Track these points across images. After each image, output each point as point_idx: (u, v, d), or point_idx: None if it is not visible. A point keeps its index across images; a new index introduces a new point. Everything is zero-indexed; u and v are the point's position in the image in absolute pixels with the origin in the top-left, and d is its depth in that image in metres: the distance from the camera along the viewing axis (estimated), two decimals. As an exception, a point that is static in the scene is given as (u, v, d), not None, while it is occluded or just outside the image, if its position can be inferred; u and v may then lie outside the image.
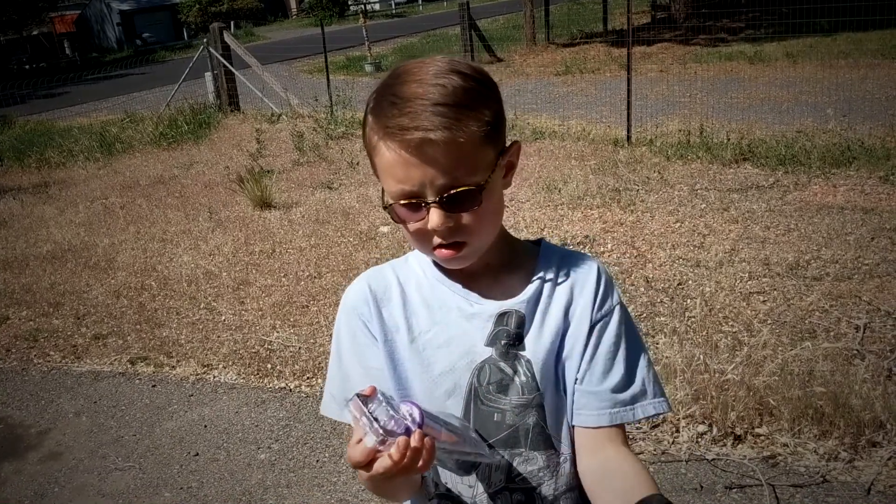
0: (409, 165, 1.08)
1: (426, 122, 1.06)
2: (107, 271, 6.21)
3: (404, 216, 1.14)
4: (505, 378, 1.20)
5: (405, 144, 1.07)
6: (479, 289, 1.24)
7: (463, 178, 1.10)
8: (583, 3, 26.66)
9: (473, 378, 1.20)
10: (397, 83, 1.12)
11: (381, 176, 1.14)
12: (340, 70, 19.41)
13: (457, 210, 1.11)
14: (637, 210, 6.20)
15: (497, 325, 1.21)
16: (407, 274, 1.29)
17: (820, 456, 3.11)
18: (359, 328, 1.26)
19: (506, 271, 1.25)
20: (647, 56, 15.14)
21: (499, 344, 1.20)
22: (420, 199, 1.11)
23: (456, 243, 1.15)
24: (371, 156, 1.16)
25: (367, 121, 1.15)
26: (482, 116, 1.10)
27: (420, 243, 1.19)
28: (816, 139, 7.58)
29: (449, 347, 1.21)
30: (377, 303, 1.25)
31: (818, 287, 4.49)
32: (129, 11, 48.37)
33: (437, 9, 45.75)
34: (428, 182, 1.09)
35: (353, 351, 1.26)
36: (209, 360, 4.59)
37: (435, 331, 1.23)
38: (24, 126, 15.69)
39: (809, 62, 12.77)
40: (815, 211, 5.76)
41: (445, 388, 1.21)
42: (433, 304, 1.24)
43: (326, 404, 1.30)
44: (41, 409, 4.35)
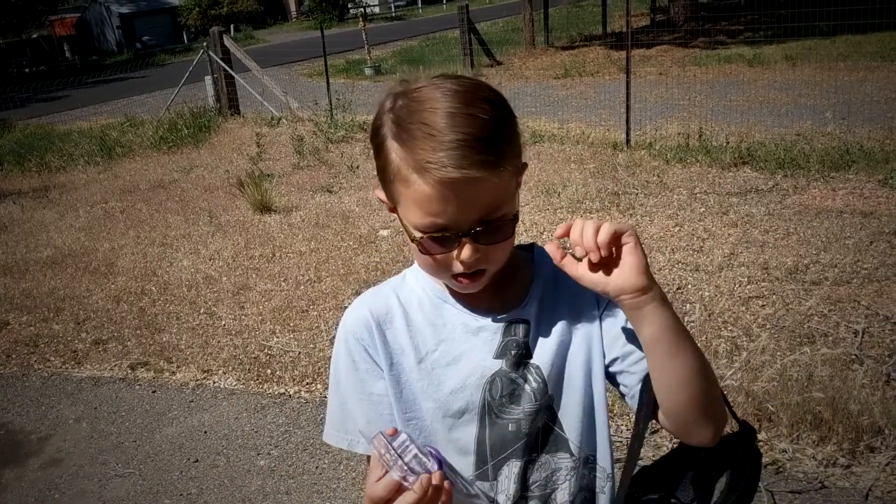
0: (447, 202, 1.06)
1: (468, 161, 1.03)
2: (107, 276, 6.22)
3: (430, 247, 1.12)
4: (517, 388, 1.21)
5: (445, 182, 1.04)
6: (482, 302, 1.23)
7: (496, 211, 1.10)
8: (582, 6, 26.69)
9: (486, 393, 1.21)
10: (425, 110, 1.08)
11: (408, 205, 1.11)
12: (340, 73, 19.44)
13: (489, 242, 1.11)
14: (636, 214, 6.21)
15: (505, 335, 1.22)
16: (408, 294, 1.28)
17: (818, 462, 3.11)
18: (359, 355, 1.25)
19: (505, 281, 1.25)
20: (646, 59, 15.16)
21: (509, 355, 1.21)
22: (453, 233, 1.09)
23: (477, 271, 1.15)
24: (394, 182, 1.12)
25: (391, 147, 1.11)
26: (516, 148, 1.12)
27: (439, 271, 1.17)
28: (815, 142, 7.59)
29: (458, 365, 1.22)
30: (380, 327, 1.24)
31: (817, 291, 4.50)
32: (128, 14, 48.44)
33: (437, 12, 45.79)
34: (464, 218, 1.08)
35: (353, 378, 1.26)
36: (209, 365, 4.59)
37: (442, 349, 1.22)
38: (24, 130, 15.70)
39: (808, 65, 12.77)
40: (814, 215, 5.77)
41: (458, 407, 1.21)
42: (437, 322, 1.24)
43: (328, 432, 1.30)
44: (42, 414, 4.36)
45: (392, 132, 1.11)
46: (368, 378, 1.24)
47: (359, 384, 1.25)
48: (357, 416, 1.25)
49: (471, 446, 1.22)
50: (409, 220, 1.12)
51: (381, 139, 1.13)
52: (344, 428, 1.27)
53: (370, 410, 1.24)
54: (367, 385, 1.24)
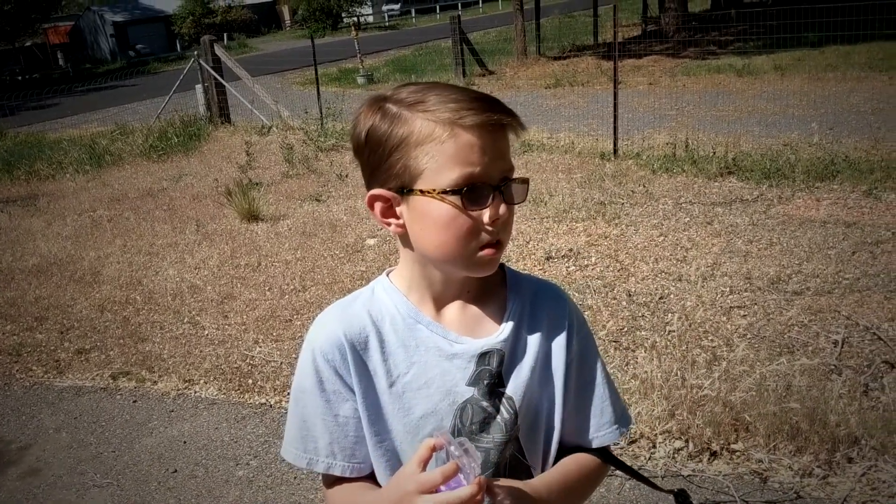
0: (483, 150, 1.11)
1: (498, 107, 1.13)
2: (92, 285, 6.20)
3: (470, 204, 1.12)
4: (488, 417, 1.21)
5: (483, 127, 1.11)
6: (455, 325, 1.23)
7: (513, 170, 1.17)
8: (573, 17, 26.81)
9: (456, 419, 1.20)
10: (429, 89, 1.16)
11: (437, 165, 1.11)
12: (333, 82, 19.48)
13: (514, 201, 1.16)
14: (621, 223, 6.23)
15: (479, 364, 1.21)
16: (380, 311, 1.24)
17: (794, 472, 3.12)
18: (327, 376, 1.22)
19: (478, 304, 1.25)
20: (636, 69, 15.23)
21: (481, 384, 1.20)
22: (487, 184, 1.12)
23: (497, 242, 1.16)
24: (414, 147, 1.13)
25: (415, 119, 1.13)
26: None
27: (466, 241, 1.14)
28: (801, 152, 7.62)
29: (429, 389, 1.20)
30: (354, 349, 1.21)
31: (798, 301, 4.52)
32: (122, 23, 48.50)
33: (430, 21, 45.97)
34: (495, 170, 1.13)
35: (318, 398, 1.23)
36: (191, 375, 4.58)
37: (413, 372, 1.21)
38: (14, 138, 15.66)
39: (797, 75, 12.86)
40: (797, 225, 5.79)
41: (428, 431, 1.20)
42: (410, 343, 1.22)
43: (287, 449, 1.28)
44: (22, 424, 4.34)
45: (406, 110, 1.14)
46: (335, 399, 1.22)
47: (324, 405, 1.22)
48: (318, 435, 1.23)
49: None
50: (441, 183, 1.11)
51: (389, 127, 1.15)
52: (303, 447, 1.25)
53: (335, 431, 1.23)
54: (333, 407, 1.22)
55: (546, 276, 5.35)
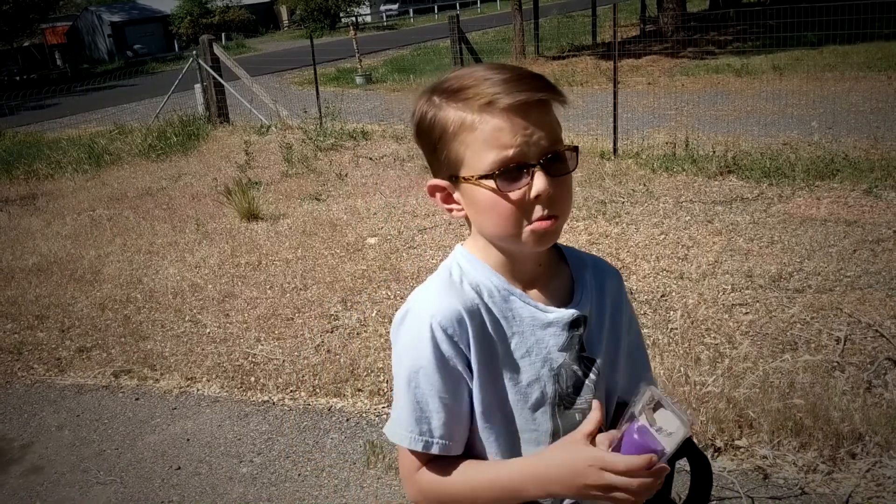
0: (517, 128, 1.12)
1: (528, 85, 1.13)
2: (92, 284, 6.19)
3: (504, 186, 1.14)
4: (578, 380, 1.28)
5: (514, 107, 1.12)
6: (540, 297, 1.28)
7: (558, 143, 1.17)
8: (572, 16, 26.83)
9: (556, 384, 1.26)
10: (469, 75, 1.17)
11: (475, 151, 1.15)
12: (331, 82, 19.47)
13: (558, 173, 1.16)
14: (622, 222, 6.23)
15: (570, 331, 1.27)
16: (477, 284, 1.25)
17: (799, 468, 3.12)
18: (449, 350, 1.19)
19: (552, 277, 1.31)
20: (635, 69, 15.24)
21: (573, 349, 1.27)
22: (525, 163, 1.13)
23: (551, 215, 1.17)
24: (453, 139, 1.17)
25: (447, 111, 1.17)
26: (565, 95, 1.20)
27: (514, 221, 1.16)
28: (801, 152, 7.64)
29: (531, 357, 1.25)
30: (473, 320, 1.20)
31: (800, 299, 4.52)
32: (120, 23, 48.41)
33: (428, 21, 45.98)
34: (534, 143, 1.13)
35: (436, 374, 1.20)
36: (193, 372, 4.58)
37: (515, 341, 1.25)
38: (13, 138, 15.64)
39: (796, 75, 12.87)
40: (798, 223, 5.80)
41: (535, 398, 1.25)
42: (508, 315, 1.25)
43: (397, 432, 1.24)
44: (24, 422, 4.34)
45: (445, 101, 1.18)
46: (455, 375, 1.21)
47: (443, 382, 1.20)
48: (433, 414, 1.21)
49: (546, 437, 1.26)
50: (479, 168, 1.15)
51: (433, 118, 1.19)
52: (418, 429, 1.21)
53: (453, 408, 1.21)
54: (453, 383, 1.21)
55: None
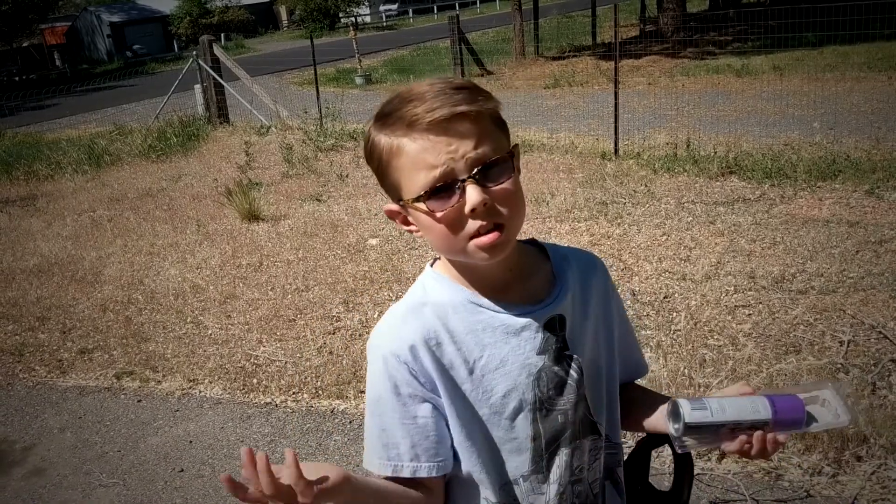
0: (439, 146, 1.11)
1: (451, 100, 1.11)
2: (93, 285, 6.18)
3: (436, 206, 1.13)
4: (560, 380, 1.26)
5: (434, 125, 1.10)
6: (515, 300, 1.25)
7: (491, 152, 1.13)
8: (572, 17, 26.85)
9: (535, 389, 1.24)
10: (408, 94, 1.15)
11: (406, 176, 1.14)
12: (331, 82, 19.46)
13: (490, 184, 1.13)
14: (624, 223, 6.22)
15: (545, 333, 1.25)
16: (441, 303, 1.26)
17: (804, 471, 3.11)
18: (402, 379, 1.22)
19: (530, 276, 1.29)
20: (635, 69, 15.23)
21: (551, 350, 1.25)
22: (453, 180, 1.11)
23: (495, 226, 1.14)
24: (389, 166, 1.17)
25: (379, 139, 1.17)
26: (493, 101, 1.18)
27: (452, 238, 1.15)
28: (803, 152, 7.63)
29: (506, 367, 1.23)
30: (427, 348, 1.22)
31: (803, 301, 4.51)
32: (119, 23, 48.39)
33: (428, 21, 45.98)
34: (460, 157, 1.11)
35: (394, 402, 1.23)
36: (195, 374, 4.57)
37: (487, 354, 1.23)
38: (12, 138, 15.62)
39: (796, 75, 12.86)
40: (800, 224, 5.79)
41: (513, 407, 1.24)
42: (477, 328, 1.23)
43: (370, 460, 1.27)
44: (26, 424, 4.32)
45: (378, 127, 1.18)
46: (412, 402, 1.23)
47: (402, 409, 1.23)
48: (399, 440, 1.24)
49: (527, 443, 1.26)
50: (413, 191, 1.14)
51: (372, 146, 1.19)
52: (386, 454, 1.24)
53: (416, 434, 1.23)
54: (411, 409, 1.23)
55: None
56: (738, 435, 1.14)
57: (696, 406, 1.14)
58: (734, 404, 1.15)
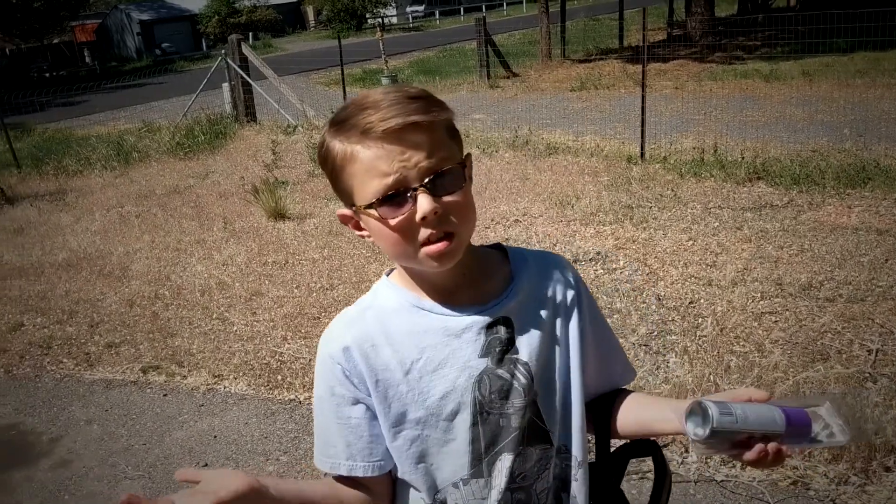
0: (392, 154, 1.12)
1: (405, 110, 1.11)
2: (121, 280, 6.25)
3: (387, 213, 1.14)
4: (505, 384, 1.24)
5: (387, 134, 1.11)
6: (461, 302, 1.26)
7: (443, 162, 1.14)
8: (599, 20, 26.75)
9: (475, 392, 1.23)
10: (363, 102, 1.16)
11: (359, 182, 1.16)
12: (357, 82, 19.52)
13: (443, 193, 1.14)
14: (650, 227, 6.20)
15: (488, 335, 1.24)
16: (384, 307, 1.29)
17: (830, 480, 3.09)
18: (336, 380, 1.26)
19: (483, 279, 1.29)
20: (662, 73, 15.16)
21: (493, 352, 1.24)
22: (405, 189, 1.13)
23: (445, 234, 1.16)
24: (343, 172, 1.18)
25: (334, 145, 1.18)
26: (447, 111, 1.19)
27: (403, 245, 1.17)
28: (831, 159, 7.56)
29: (444, 369, 1.23)
30: (361, 351, 1.25)
31: (831, 308, 4.47)
32: (149, 21, 48.83)
33: (454, 23, 46.00)
34: (412, 166, 1.12)
35: (330, 403, 1.28)
36: (220, 370, 4.61)
37: (426, 356, 1.24)
38: (42, 134, 15.86)
39: (826, 81, 12.74)
40: (828, 231, 5.74)
41: (450, 409, 1.24)
42: (417, 330, 1.25)
43: (315, 456, 1.33)
44: (53, 416, 4.38)
45: (333, 132, 1.18)
46: (345, 403, 1.26)
47: (336, 409, 1.27)
48: (336, 440, 1.28)
49: (465, 447, 1.25)
50: (365, 198, 1.15)
51: (326, 151, 1.20)
52: (326, 452, 1.29)
53: (349, 434, 1.27)
54: (345, 410, 1.27)
55: (574, 278, 5.33)
56: (753, 444, 1.12)
57: (724, 411, 1.12)
58: (755, 412, 1.13)
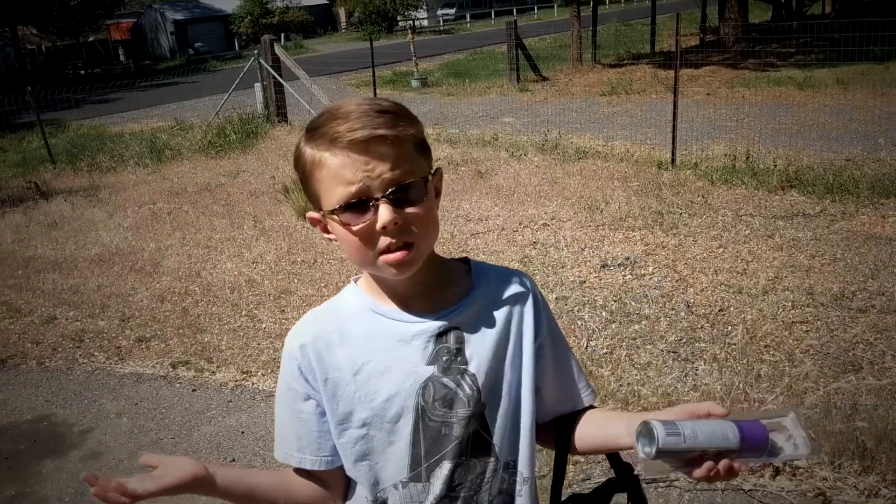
0: (357, 164, 1.16)
1: (373, 122, 1.16)
2: (152, 275, 6.33)
3: (350, 219, 1.19)
4: (449, 393, 1.27)
5: (354, 144, 1.15)
6: (417, 310, 1.29)
7: (407, 175, 1.18)
8: (630, 25, 26.63)
9: (419, 398, 1.26)
10: (336, 111, 1.20)
11: (325, 188, 1.20)
12: (387, 84, 19.60)
13: (405, 204, 1.18)
14: (679, 233, 6.16)
15: (437, 343, 1.27)
16: (345, 310, 1.34)
17: (860, 491, 3.05)
18: (292, 376, 1.32)
19: (441, 291, 1.32)
20: (694, 79, 15.05)
21: (440, 361, 1.27)
22: (368, 198, 1.17)
23: (405, 244, 1.20)
24: (311, 176, 1.22)
25: (305, 149, 1.22)
26: (417, 127, 1.23)
27: (364, 252, 1.21)
28: (866, 168, 7.47)
29: (391, 373, 1.27)
30: (317, 349, 1.30)
31: (863, 319, 4.42)
32: (182, 21, 49.41)
33: (485, 26, 46.01)
34: (376, 177, 1.16)
35: (286, 396, 1.34)
36: (248, 366, 4.65)
37: (377, 359, 1.28)
38: (77, 130, 16.08)
39: (861, 89, 12.58)
40: (862, 241, 5.67)
41: (394, 412, 1.27)
42: (372, 333, 1.29)
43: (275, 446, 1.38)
44: (84, 408, 4.44)
45: (305, 138, 1.23)
46: (297, 397, 1.32)
47: (291, 403, 1.33)
48: (289, 432, 1.34)
49: (406, 449, 1.28)
50: (330, 204, 1.20)
51: (298, 155, 1.25)
52: (281, 442, 1.35)
53: (300, 427, 1.33)
54: (297, 405, 1.32)
55: (601, 284, 5.32)
56: (705, 461, 1.13)
57: (671, 431, 1.12)
58: (706, 430, 1.13)
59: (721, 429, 1.13)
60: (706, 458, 1.13)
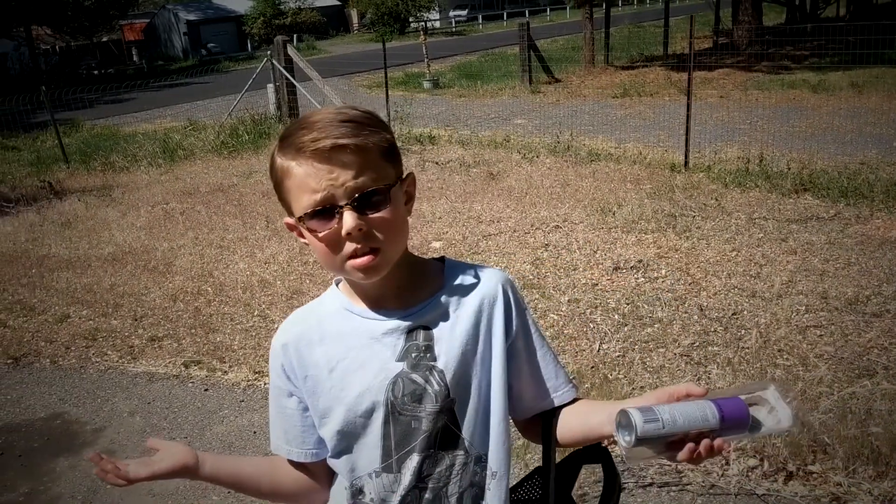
0: (321, 173, 1.20)
1: (335, 132, 1.20)
2: (165, 275, 6.35)
3: (316, 226, 1.23)
4: (418, 388, 1.31)
5: (317, 153, 1.19)
6: (387, 302, 1.34)
7: (371, 182, 1.22)
8: (643, 27, 26.57)
9: (388, 393, 1.31)
10: (303, 121, 1.25)
11: (294, 196, 1.25)
12: (399, 86, 19.61)
13: (368, 211, 1.22)
14: (692, 237, 6.14)
15: (407, 340, 1.32)
16: (324, 311, 1.40)
17: (874, 497, 3.03)
18: (276, 373, 1.40)
19: (413, 291, 1.36)
20: (707, 81, 15.00)
21: (409, 358, 1.32)
22: (332, 205, 1.21)
23: (371, 249, 1.24)
24: (282, 185, 1.27)
25: (276, 159, 1.27)
26: (382, 134, 1.26)
27: (331, 257, 1.25)
28: (881, 172, 7.43)
29: (363, 370, 1.32)
30: (298, 348, 1.37)
31: (878, 324, 4.39)
32: (195, 22, 49.59)
33: (497, 28, 46.01)
34: (340, 185, 1.20)
35: (273, 392, 1.43)
36: (261, 366, 4.65)
37: (351, 357, 1.33)
38: (90, 130, 16.17)
39: (875, 93, 12.52)
40: (876, 245, 5.63)
41: (365, 407, 1.32)
42: (346, 331, 1.35)
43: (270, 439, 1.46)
44: (97, 407, 4.46)
45: (277, 147, 1.28)
46: (281, 394, 1.40)
47: (277, 398, 1.42)
48: (277, 426, 1.43)
49: (378, 441, 1.33)
50: (298, 211, 1.25)
51: (271, 164, 1.29)
52: (273, 434, 1.44)
53: (285, 422, 1.42)
54: (282, 400, 1.41)
55: (614, 286, 5.31)
56: (687, 443, 1.14)
57: (649, 418, 1.12)
58: (684, 413, 1.13)
59: (700, 410, 1.14)
60: (688, 440, 1.14)
